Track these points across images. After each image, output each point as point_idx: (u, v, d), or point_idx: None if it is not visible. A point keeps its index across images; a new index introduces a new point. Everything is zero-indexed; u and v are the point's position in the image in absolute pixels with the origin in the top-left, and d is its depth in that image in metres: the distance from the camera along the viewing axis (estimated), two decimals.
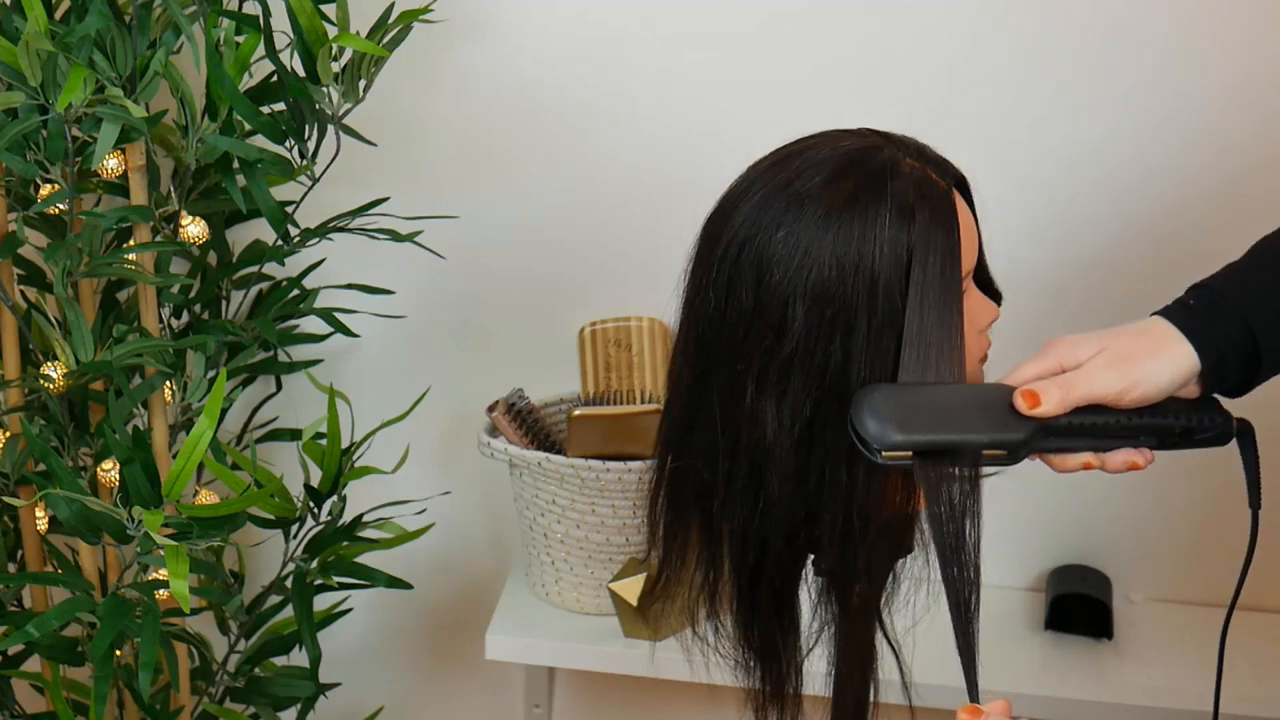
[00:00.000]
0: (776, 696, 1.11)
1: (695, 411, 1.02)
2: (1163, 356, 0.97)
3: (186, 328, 1.61)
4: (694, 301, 1.02)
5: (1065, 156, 1.62)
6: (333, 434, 1.48)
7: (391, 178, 1.69)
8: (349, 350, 1.81)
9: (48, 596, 1.60)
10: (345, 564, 1.52)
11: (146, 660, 1.33)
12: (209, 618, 1.75)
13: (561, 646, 1.62)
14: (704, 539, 1.07)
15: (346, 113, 1.42)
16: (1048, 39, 1.59)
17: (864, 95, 1.62)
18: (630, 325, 1.68)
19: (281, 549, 1.54)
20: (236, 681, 1.64)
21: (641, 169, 1.69)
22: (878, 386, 0.95)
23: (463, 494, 1.85)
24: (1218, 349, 0.97)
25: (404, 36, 1.40)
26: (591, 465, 1.55)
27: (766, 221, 0.97)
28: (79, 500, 1.33)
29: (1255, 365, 0.98)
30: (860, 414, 0.94)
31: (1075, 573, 1.71)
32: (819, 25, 1.62)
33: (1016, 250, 1.59)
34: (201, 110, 1.40)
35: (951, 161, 1.03)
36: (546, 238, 1.74)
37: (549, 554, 1.64)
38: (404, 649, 1.97)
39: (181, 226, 1.45)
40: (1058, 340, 1.00)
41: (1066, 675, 1.58)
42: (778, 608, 1.07)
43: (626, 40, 1.66)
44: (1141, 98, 1.59)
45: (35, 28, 1.25)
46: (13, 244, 1.39)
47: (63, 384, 1.40)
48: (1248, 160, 1.59)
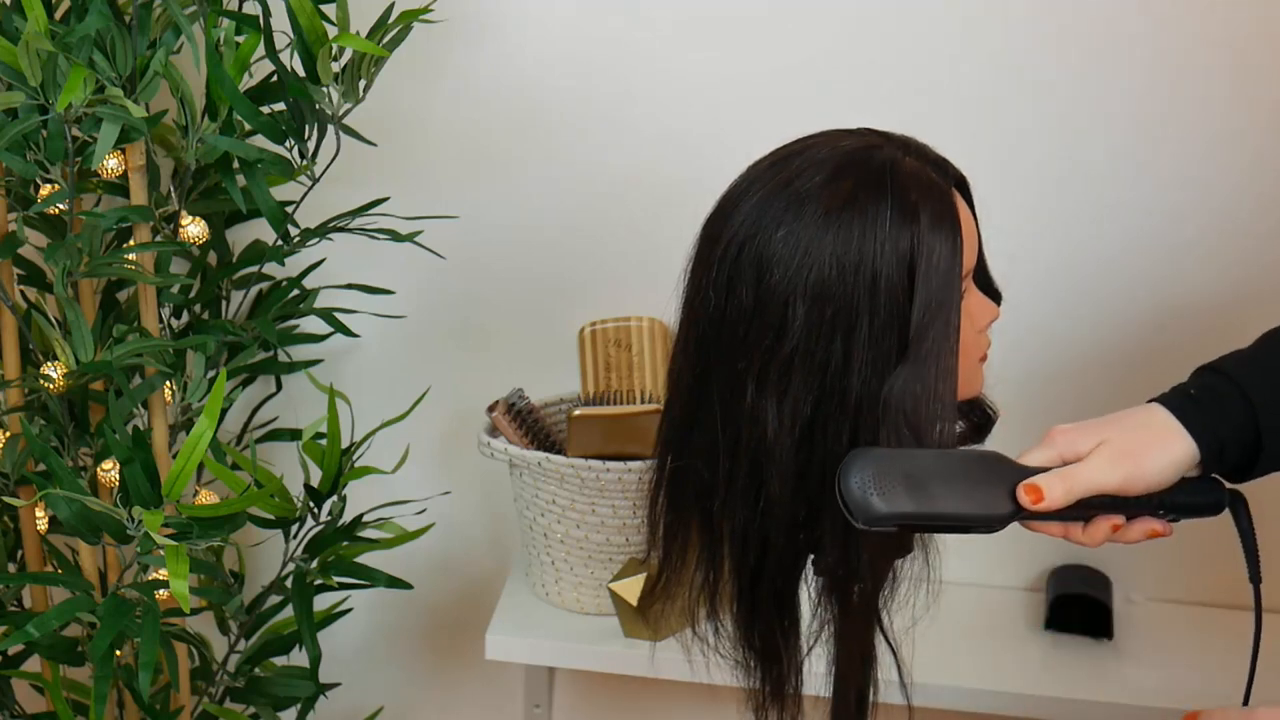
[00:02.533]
0: (776, 696, 1.12)
1: (695, 411, 1.02)
2: (1165, 452, 0.98)
3: (186, 328, 1.61)
4: (694, 301, 1.02)
5: (1066, 156, 1.62)
6: (333, 434, 1.48)
7: (391, 178, 1.69)
8: (349, 350, 1.81)
9: (48, 596, 1.60)
10: (345, 564, 1.52)
11: (146, 660, 1.33)
12: (209, 618, 1.75)
13: (561, 646, 1.62)
14: (704, 539, 1.07)
15: (346, 113, 1.42)
16: (1050, 36, 1.59)
17: (864, 95, 1.62)
18: (630, 325, 1.68)
19: (281, 549, 1.54)
20: (236, 681, 1.64)
21: (641, 169, 1.69)
22: (865, 452, 0.95)
23: (463, 494, 1.85)
24: (1218, 439, 0.98)
25: (404, 36, 1.40)
26: (591, 465, 1.55)
27: (767, 221, 0.97)
28: (79, 500, 1.33)
29: (1255, 452, 0.99)
30: (846, 481, 0.94)
31: (1075, 573, 1.71)
32: (819, 25, 1.62)
33: (1016, 250, 1.59)
34: (201, 110, 1.40)
35: (951, 161, 1.03)
36: (546, 238, 1.74)
37: (549, 554, 1.64)
38: (404, 649, 1.97)
39: (181, 226, 1.45)
40: (1058, 430, 1.01)
41: (1066, 675, 1.58)
42: (778, 607, 1.07)
43: (626, 40, 1.66)
44: (1143, 98, 1.59)
45: (35, 28, 1.24)
46: (13, 244, 1.39)
47: (63, 384, 1.40)
48: (1248, 158, 1.59)
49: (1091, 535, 0.99)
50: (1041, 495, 0.95)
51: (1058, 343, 1.67)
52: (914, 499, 0.94)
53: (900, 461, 0.95)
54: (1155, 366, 1.66)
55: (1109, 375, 1.67)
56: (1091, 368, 1.67)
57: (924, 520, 0.94)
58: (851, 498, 0.94)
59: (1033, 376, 1.68)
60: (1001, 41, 1.60)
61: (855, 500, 0.94)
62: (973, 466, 0.97)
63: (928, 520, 0.95)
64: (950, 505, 0.95)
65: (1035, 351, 1.67)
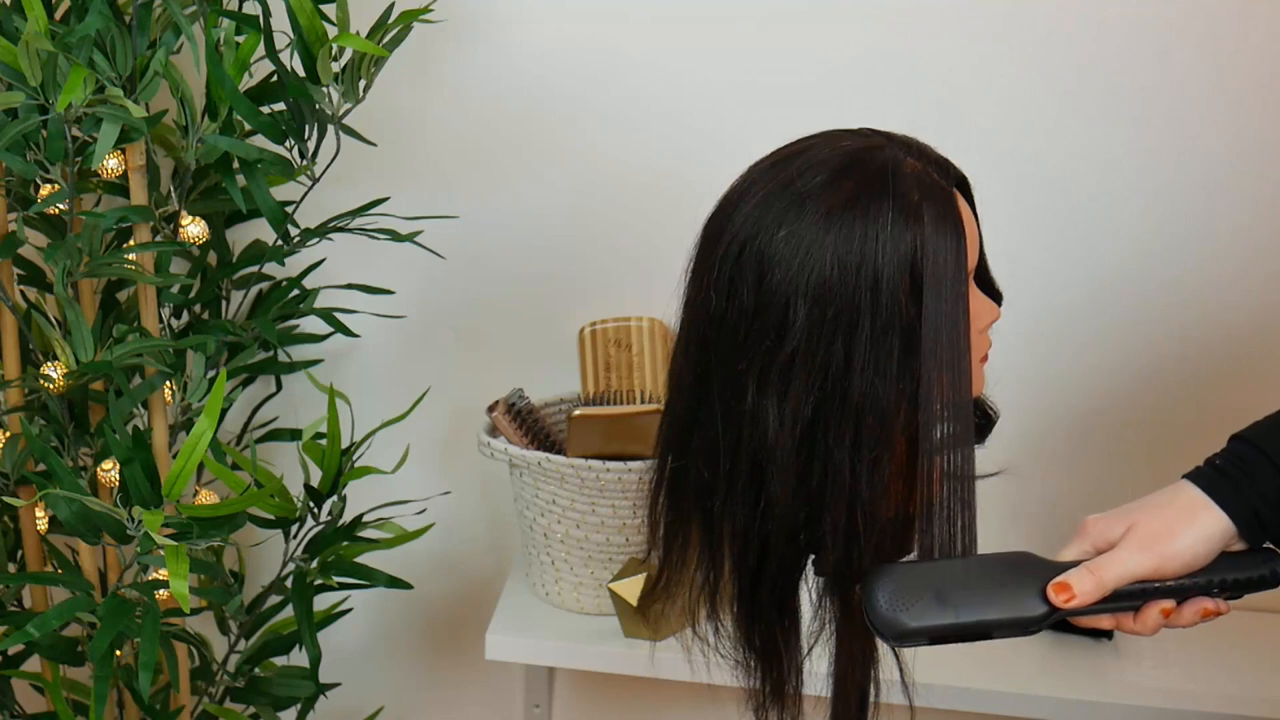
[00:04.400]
0: (776, 696, 1.11)
1: (696, 411, 1.02)
2: (1194, 527, 0.96)
3: (186, 328, 1.61)
4: (695, 301, 1.02)
5: (1066, 155, 1.62)
6: (333, 434, 1.48)
7: (391, 178, 1.69)
8: (349, 350, 1.81)
9: (48, 596, 1.60)
10: (345, 564, 1.52)
11: (146, 660, 1.33)
12: (209, 618, 1.75)
13: (561, 646, 1.62)
14: (704, 539, 1.06)
15: (346, 113, 1.42)
16: (1051, 35, 1.59)
17: (865, 95, 1.62)
18: (630, 325, 1.68)
19: (281, 549, 1.54)
20: (236, 681, 1.64)
21: (641, 169, 1.69)
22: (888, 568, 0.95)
23: (463, 494, 1.85)
24: (1249, 507, 0.96)
25: (404, 36, 1.40)
26: (591, 465, 1.55)
27: (768, 221, 0.97)
28: (79, 500, 1.33)
29: None
30: (872, 599, 0.94)
31: None
32: (820, 26, 1.62)
33: (1016, 250, 1.59)
34: (201, 110, 1.40)
35: (952, 161, 1.03)
36: (546, 238, 1.74)
37: (549, 554, 1.64)
38: (404, 649, 1.97)
39: (181, 226, 1.45)
40: (1090, 521, 1.00)
41: (1066, 675, 1.58)
42: (778, 608, 1.07)
43: (626, 40, 1.66)
44: (1145, 98, 1.59)
45: (35, 28, 1.24)
46: (13, 244, 1.39)
47: (63, 384, 1.40)
48: (1250, 158, 1.59)
49: (1143, 623, 0.98)
50: (1072, 593, 0.95)
51: (1058, 343, 1.67)
52: (943, 610, 0.93)
53: (925, 573, 0.95)
54: (1156, 366, 1.67)
55: (1110, 375, 1.67)
56: (1092, 367, 1.67)
57: (955, 630, 0.93)
58: (879, 616, 0.94)
59: (1033, 376, 1.68)
60: (1004, 40, 1.60)
61: (883, 618, 0.93)
62: (1001, 570, 0.96)
63: (959, 630, 0.93)
64: (980, 613, 0.94)
65: (1035, 351, 1.67)
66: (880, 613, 0.93)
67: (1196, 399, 1.66)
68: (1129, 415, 1.68)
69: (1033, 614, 0.94)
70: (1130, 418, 1.68)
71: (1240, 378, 1.64)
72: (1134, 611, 0.98)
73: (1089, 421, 1.69)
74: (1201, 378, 1.65)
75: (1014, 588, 0.95)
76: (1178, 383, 1.66)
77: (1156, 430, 1.68)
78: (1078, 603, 0.95)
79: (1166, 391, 1.66)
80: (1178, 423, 1.67)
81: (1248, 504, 0.96)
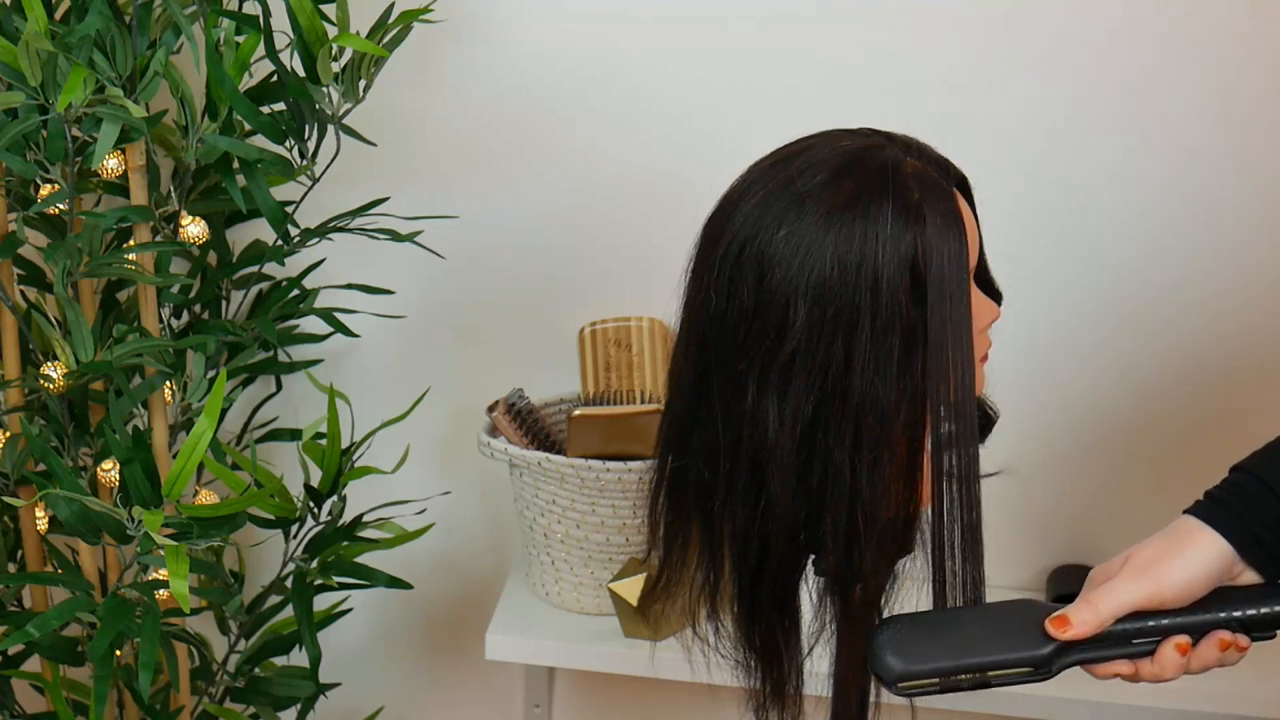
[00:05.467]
0: (777, 696, 1.11)
1: (696, 411, 1.02)
2: (1189, 550, 0.96)
3: (186, 328, 1.61)
4: (695, 301, 1.02)
5: (1068, 155, 1.62)
6: (333, 434, 1.48)
7: (391, 178, 1.69)
8: (349, 350, 1.81)
9: (48, 596, 1.60)
10: (345, 564, 1.52)
11: (146, 660, 1.33)
12: (209, 618, 1.75)
13: (561, 646, 1.62)
14: (705, 539, 1.06)
15: (346, 113, 1.42)
16: (1052, 35, 1.59)
17: (865, 95, 1.62)
18: (630, 325, 1.68)
19: (281, 549, 1.54)
20: (236, 681, 1.64)
21: (641, 169, 1.69)
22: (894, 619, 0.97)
23: (463, 494, 1.85)
24: (1249, 530, 0.95)
25: (404, 36, 1.40)
26: (591, 465, 1.55)
27: (768, 221, 0.97)
28: (79, 500, 1.33)
29: None
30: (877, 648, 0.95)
31: (1075, 573, 1.71)
32: (820, 26, 1.62)
33: (1017, 250, 1.59)
34: (201, 110, 1.40)
35: (953, 161, 1.03)
36: (546, 238, 1.74)
37: (549, 554, 1.64)
38: (404, 649, 1.97)
39: (181, 226, 1.45)
40: (1094, 570, 1.00)
41: (1067, 675, 1.57)
42: (779, 608, 1.07)
43: (626, 40, 1.66)
44: (1147, 100, 1.59)
45: (35, 28, 1.24)
46: (13, 244, 1.39)
47: (63, 384, 1.40)
48: (1255, 160, 1.59)
49: (1161, 664, 0.97)
50: (1070, 624, 0.95)
51: (1058, 343, 1.67)
52: (948, 654, 0.94)
53: (930, 621, 0.96)
54: (1157, 367, 1.67)
55: (1111, 376, 1.67)
56: (1092, 368, 1.67)
57: (962, 673, 0.94)
58: (883, 665, 0.95)
59: (1034, 376, 1.68)
60: (1004, 40, 1.59)
61: (888, 666, 0.95)
62: (1004, 614, 0.97)
63: (965, 672, 0.94)
64: (984, 653, 0.94)
65: (1036, 352, 1.67)
66: (885, 661, 0.95)
67: (1197, 399, 1.66)
68: (1130, 416, 1.68)
69: (1038, 652, 0.95)
70: (1131, 418, 1.68)
71: (1243, 380, 1.64)
72: (1150, 655, 0.97)
73: (1089, 422, 1.69)
74: (1203, 379, 1.65)
75: (1018, 629, 0.96)
76: (1179, 383, 1.66)
77: (1157, 431, 1.68)
78: (1075, 633, 0.95)
79: (1167, 392, 1.66)
80: (1178, 423, 1.67)
81: (1247, 529, 0.95)
